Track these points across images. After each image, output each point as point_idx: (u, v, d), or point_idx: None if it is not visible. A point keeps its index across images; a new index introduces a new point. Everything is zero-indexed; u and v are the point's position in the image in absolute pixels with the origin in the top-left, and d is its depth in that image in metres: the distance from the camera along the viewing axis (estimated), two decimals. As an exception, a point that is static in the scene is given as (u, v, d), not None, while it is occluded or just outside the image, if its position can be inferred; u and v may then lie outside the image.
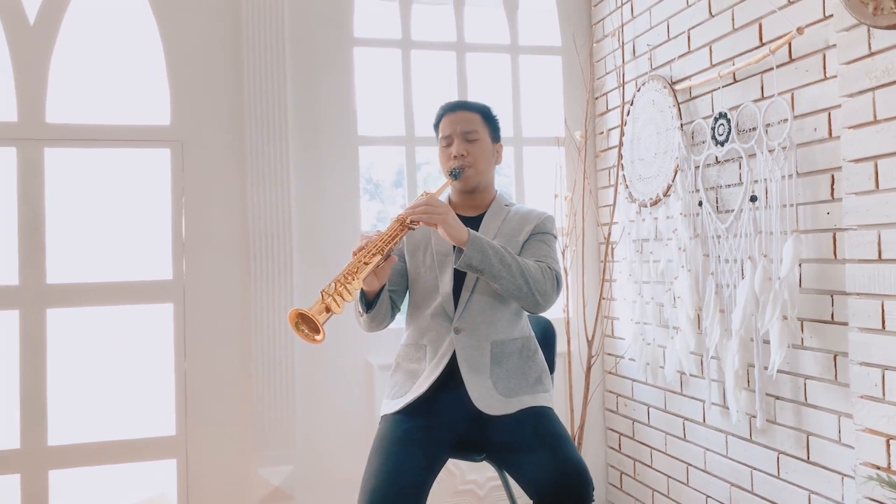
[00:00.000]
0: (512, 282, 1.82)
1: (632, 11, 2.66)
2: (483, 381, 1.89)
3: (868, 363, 1.60)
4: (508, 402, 1.88)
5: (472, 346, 1.92)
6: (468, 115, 2.02)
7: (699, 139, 2.26)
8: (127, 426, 2.53)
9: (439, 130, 2.05)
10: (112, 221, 2.56)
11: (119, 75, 2.57)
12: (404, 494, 1.71)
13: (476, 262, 1.79)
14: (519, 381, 1.93)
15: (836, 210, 1.76)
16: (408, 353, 2.03)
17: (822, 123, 1.79)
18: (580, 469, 1.71)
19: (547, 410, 1.92)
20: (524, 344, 1.99)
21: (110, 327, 2.54)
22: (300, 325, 1.64)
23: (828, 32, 1.77)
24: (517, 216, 2.03)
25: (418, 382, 1.95)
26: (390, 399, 2.00)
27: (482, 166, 2.01)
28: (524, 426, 1.85)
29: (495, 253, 1.81)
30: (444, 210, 1.80)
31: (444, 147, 2.03)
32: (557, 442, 1.78)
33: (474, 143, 1.99)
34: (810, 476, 1.88)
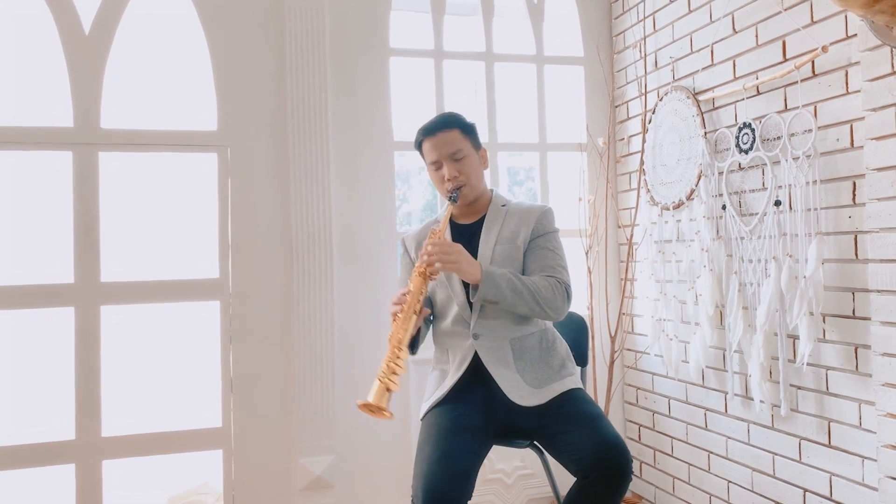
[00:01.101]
0: (525, 306, 1.96)
1: (654, 25, 2.81)
2: (511, 375, 2.02)
3: (890, 354, 1.76)
4: (540, 393, 2.01)
5: (493, 347, 2.05)
6: (448, 134, 2.09)
7: (722, 147, 2.42)
8: (175, 418, 2.64)
9: (424, 154, 2.15)
10: (162, 222, 2.68)
11: (169, 82, 2.69)
12: (457, 477, 1.84)
13: (491, 295, 1.93)
14: (544, 370, 2.05)
15: (857, 214, 1.92)
16: (438, 356, 2.20)
17: (845, 134, 1.95)
18: (620, 444, 1.84)
19: (578, 392, 2.04)
20: (542, 336, 2.11)
21: (160, 323, 2.66)
22: (370, 409, 1.76)
23: (850, 51, 1.92)
24: (514, 216, 2.13)
25: (446, 382, 2.10)
26: (426, 399, 2.15)
27: (475, 180, 2.12)
28: (561, 411, 1.97)
29: (507, 284, 1.94)
30: (457, 256, 1.92)
31: (434, 171, 2.13)
32: (596, 421, 1.91)
33: (462, 161, 2.09)
34: (831, 459, 2.03)
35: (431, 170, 2.15)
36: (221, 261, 2.67)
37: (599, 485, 1.83)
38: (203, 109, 2.66)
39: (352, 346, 2.79)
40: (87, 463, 2.52)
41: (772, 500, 2.26)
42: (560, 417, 1.97)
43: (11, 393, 2.88)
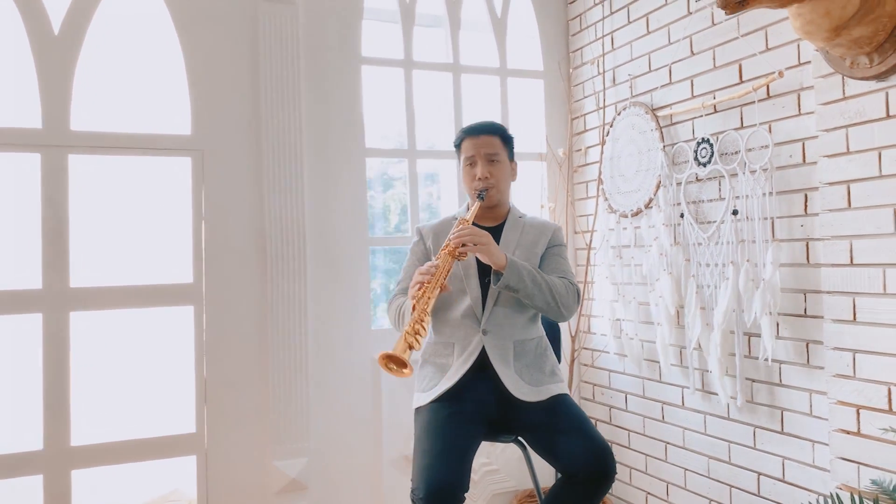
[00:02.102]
0: (542, 299, 2.10)
1: (612, 44, 2.99)
2: (511, 374, 2.15)
3: (841, 348, 1.97)
4: (538, 391, 2.15)
5: (498, 346, 2.17)
6: (489, 138, 2.26)
7: (681, 160, 2.61)
8: (148, 425, 2.60)
9: (462, 151, 2.30)
10: (134, 227, 2.64)
11: (142, 85, 2.65)
12: (458, 470, 1.94)
13: (513, 283, 2.05)
14: (538, 374, 2.19)
15: (808, 223, 2.14)
16: (436, 349, 2.26)
17: (797, 151, 2.16)
18: (607, 450, 2.01)
19: (568, 397, 2.20)
20: (538, 343, 2.26)
21: (132, 329, 2.61)
22: (389, 364, 1.83)
23: (802, 76, 2.14)
24: (532, 228, 2.29)
25: (448, 375, 2.18)
26: (422, 391, 2.22)
27: (503, 185, 2.27)
28: (553, 411, 2.12)
29: (528, 274, 2.07)
30: (487, 240, 2.05)
31: (468, 167, 2.26)
32: (585, 425, 2.07)
33: (496, 165, 2.24)
34: (784, 445, 2.25)
35: (465, 166, 2.27)
36: (195, 265, 2.66)
37: (585, 485, 2.00)
38: (177, 113, 2.64)
39: (325, 349, 2.83)
40: (55, 473, 2.46)
41: (727, 485, 2.47)
42: (552, 418, 2.10)
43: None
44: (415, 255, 2.33)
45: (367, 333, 2.90)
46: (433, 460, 1.94)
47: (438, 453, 1.96)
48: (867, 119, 1.88)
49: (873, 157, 1.87)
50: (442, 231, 2.29)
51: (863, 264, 1.91)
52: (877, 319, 1.87)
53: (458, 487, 1.90)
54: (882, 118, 1.84)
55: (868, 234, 1.89)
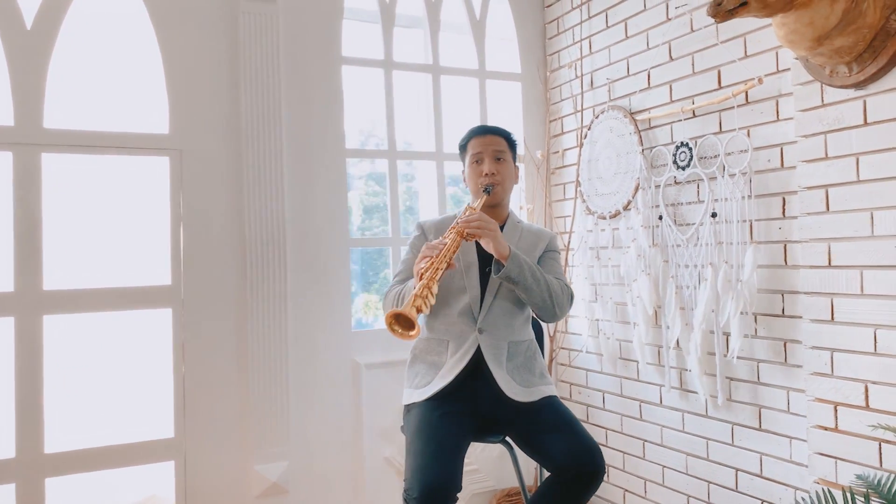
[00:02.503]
0: (539, 294, 2.12)
1: (590, 48, 3.04)
2: (504, 374, 2.17)
3: (819, 347, 2.04)
4: (530, 391, 2.17)
5: (493, 345, 2.19)
6: (497, 138, 2.31)
7: (659, 163, 2.66)
8: (125, 431, 2.54)
9: (468, 149, 2.32)
10: (110, 228, 2.57)
11: (118, 83, 2.59)
12: (451, 471, 1.95)
13: (514, 274, 2.07)
14: (529, 375, 2.22)
15: (786, 226, 2.21)
16: (429, 346, 2.26)
17: (776, 156, 2.23)
18: (596, 449, 2.05)
19: (557, 399, 2.22)
20: (529, 345, 2.29)
21: (108, 333, 2.55)
22: (394, 326, 1.83)
23: (780, 83, 2.21)
24: (530, 233, 2.33)
25: (442, 373, 2.19)
26: (415, 388, 2.22)
27: (508, 184, 2.31)
28: (543, 411, 2.14)
29: (529, 268, 2.10)
30: (495, 227, 2.07)
31: (474, 164, 2.29)
32: (574, 425, 2.10)
33: (502, 163, 2.28)
34: (762, 441, 2.31)
35: (471, 163, 2.29)
36: (173, 267, 2.60)
37: (575, 484, 2.03)
38: (155, 112, 2.59)
39: (305, 351, 2.81)
40: (28, 482, 2.39)
41: (705, 481, 2.53)
42: (542, 418, 2.12)
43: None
44: (416, 249, 2.31)
45: (348, 335, 2.88)
46: (427, 461, 1.94)
47: (432, 454, 1.96)
48: (845, 126, 1.94)
49: (851, 163, 1.94)
50: (444, 227, 2.30)
51: (841, 266, 1.97)
52: (854, 319, 1.94)
53: (452, 487, 1.91)
54: (860, 125, 1.91)
55: (846, 236, 1.95)
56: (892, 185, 1.83)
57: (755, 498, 2.34)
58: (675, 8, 2.56)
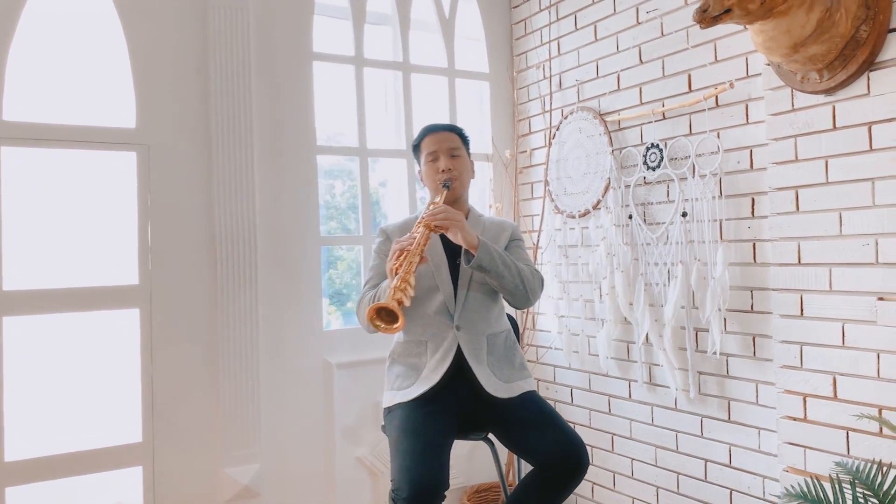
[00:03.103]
0: (511, 281, 2.14)
1: (559, 49, 3.08)
2: (485, 370, 2.18)
3: (788, 341, 2.13)
4: (510, 387, 2.19)
5: (472, 340, 2.20)
6: (450, 135, 2.33)
7: (629, 163, 2.73)
8: (91, 436, 2.45)
9: (422, 148, 2.33)
10: (75, 225, 2.47)
11: (83, 76, 2.48)
12: (439, 469, 1.96)
13: (485, 262, 2.08)
14: (509, 368, 2.24)
15: (755, 225, 2.30)
16: (406, 349, 2.26)
17: (745, 157, 2.32)
18: (579, 442, 2.08)
19: (536, 393, 2.26)
20: (507, 336, 2.31)
21: (73, 334, 2.45)
22: (376, 321, 1.82)
23: (750, 88, 2.29)
24: (493, 225, 2.35)
25: (424, 374, 2.19)
26: (397, 390, 2.22)
27: (465, 179, 2.33)
28: (525, 407, 2.17)
29: (499, 255, 2.12)
30: (461, 217, 2.09)
31: (430, 162, 2.29)
32: (557, 420, 2.14)
33: (457, 159, 2.29)
34: (731, 432, 2.40)
35: (427, 161, 2.29)
36: (141, 266, 2.52)
37: (559, 477, 2.05)
38: (121, 107, 2.50)
39: (276, 351, 2.76)
40: (-13, 492, 2.28)
41: (674, 472, 2.61)
42: (525, 414, 2.15)
43: None
44: (382, 254, 2.30)
45: (319, 335, 2.85)
46: (414, 460, 1.94)
47: (419, 453, 1.96)
48: (815, 130, 2.04)
49: (820, 165, 2.03)
50: (408, 229, 2.29)
51: (810, 263, 2.07)
52: (823, 314, 2.03)
53: (440, 485, 1.92)
54: (829, 129, 2.00)
55: (815, 235, 2.05)
56: (861, 186, 1.93)
57: (724, 487, 2.42)
58: (647, 13, 2.62)
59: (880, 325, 1.90)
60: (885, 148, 1.87)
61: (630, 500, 2.80)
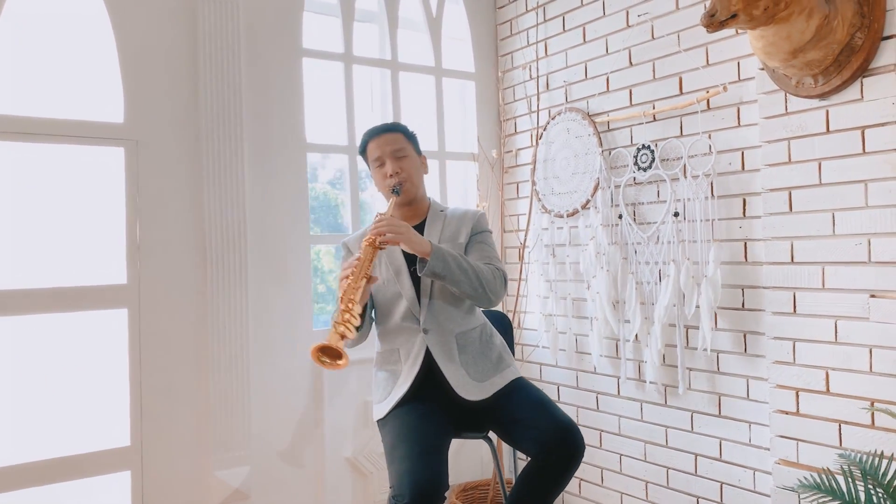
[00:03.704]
0: (469, 284, 2.10)
1: (546, 50, 3.11)
2: (457, 370, 2.17)
3: (781, 337, 2.20)
4: (482, 387, 2.17)
5: (441, 342, 2.19)
6: (392, 136, 2.28)
7: (619, 164, 2.77)
8: (77, 441, 2.37)
9: (367, 154, 2.30)
10: (60, 222, 2.38)
11: (69, 67, 2.40)
12: (439, 471, 1.95)
13: (439, 269, 2.04)
14: (484, 364, 2.22)
15: (746, 225, 2.36)
16: (385, 357, 2.26)
17: (737, 159, 2.38)
18: (572, 426, 2.08)
19: (521, 381, 2.24)
20: (482, 330, 2.30)
21: (58, 336, 2.36)
22: (322, 357, 1.81)
23: (741, 92, 2.35)
24: (454, 219, 2.32)
25: (400, 381, 2.18)
26: (380, 402, 2.21)
27: (416, 179, 2.29)
28: (511, 401, 2.16)
29: (454, 260, 2.07)
30: (406, 228, 2.04)
31: (377, 168, 2.26)
32: (549, 406, 2.14)
33: (404, 160, 2.25)
34: (721, 427, 2.46)
35: (375, 168, 2.25)
36: (129, 265, 2.45)
37: (557, 465, 2.06)
38: (109, 100, 2.42)
39: (266, 351, 2.72)
40: (-32, 500, 2.18)
41: (664, 466, 2.66)
42: (512, 407, 2.14)
43: None
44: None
45: (309, 334, 2.81)
46: (413, 463, 1.93)
47: (418, 455, 1.95)
48: (808, 133, 2.10)
49: (814, 167, 2.10)
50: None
51: (803, 262, 2.14)
52: (816, 311, 2.10)
53: (440, 487, 1.91)
54: (822, 133, 2.07)
55: (808, 235, 2.12)
56: (854, 188, 2.00)
57: (714, 480, 2.48)
58: (638, 16, 2.67)
59: (873, 321, 1.97)
60: (879, 151, 1.95)
61: (619, 495, 2.85)
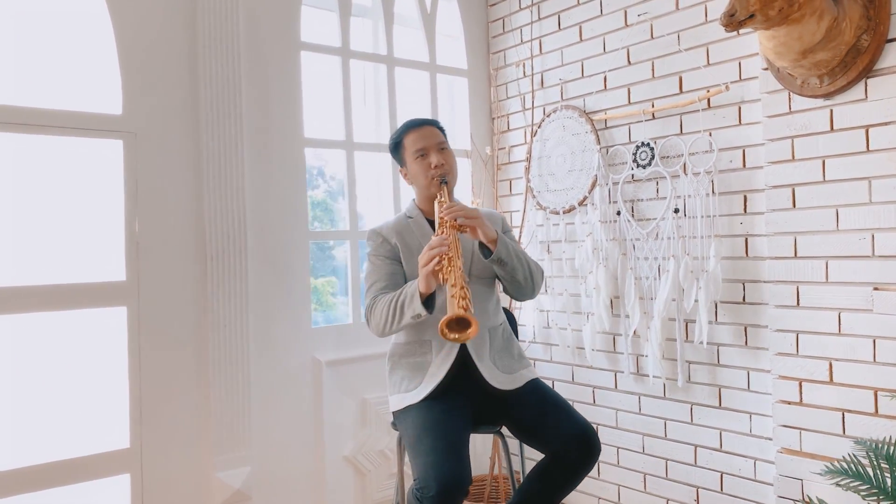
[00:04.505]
0: (522, 273, 2.17)
1: (541, 48, 3.14)
2: (487, 364, 2.19)
3: (784, 330, 2.26)
4: (513, 378, 2.21)
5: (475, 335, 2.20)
6: (434, 129, 2.30)
7: (618, 161, 2.81)
8: (75, 444, 2.28)
9: (406, 146, 2.28)
10: (57, 217, 2.30)
11: (66, 57, 2.31)
12: (465, 465, 1.95)
13: (504, 255, 2.10)
14: (509, 359, 2.26)
15: (747, 221, 2.42)
16: (409, 349, 2.24)
17: (738, 157, 2.44)
18: (591, 428, 2.13)
19: (539, 381, 2.28)
20: (504, 327, 2.33)
21: (55, 335, 2.27)
22: (448, 330, 1.79)
23: (743, 91, 2.42)
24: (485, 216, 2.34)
25: (431, 372, 2.17)
26: (405, 392, 2.19)
27: (456, 172, 2.31)
28: (533, 396, 2.19)
29: (512, 248, 2.14)
30: (479, 214, 2.09)
31: (418, 159, 2.25)
32: (566, 407, 2.18)
33: (446, 153, 2.27)
34: (722, 418, 2.52)
35: (415, 158, 2.24)
36: (129, 262, 2.37)
37: (574, 464, 2.10)
38: (107, 91, 2.34)
39: (266, 350, 2.67)
40: (-38, 508, 2.09)
41: (663, 458, 2.71)
42: (534, 403, 2.17)
43: None
44: (382, 255, 2.24)
45: (308, 332, 2.78)
46: (440, 457, 1.92)
47: (444, 450, 1.95)
48: (812, 132, 2.17)
49: (817, 165, 2.17)
50: (404, 229, 2.26)
51: (806, 257, 2.20)
52: (819, 304, 2.17)
53: (465, 480, 1.92)
54: (826, 131, 2.14)
55: (812, 230, 2.19)
56: (858, 185, 2.08)
57: (715, 471, 2.54)
58: (638, 16, 2.71)
59: (876, 313, 2.05)
60: (883, 149, 2.02)
61: (616, 487, 2.89)
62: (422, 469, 1.92)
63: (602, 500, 2.93)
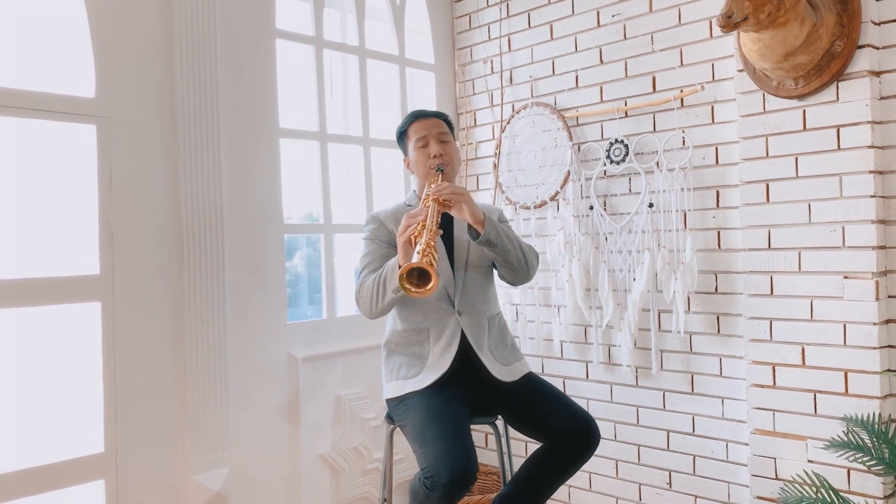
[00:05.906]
0: (515, 255, 2.18)
1: (509, 45, 3.18)
2: (486, 353, 2.22)
3: (757, 317, 2.40)
4: (510, 370, 2.24)
5: (474, 324, 2.22)
6: (437, 121, 2.33)
7: (591, 157, 2.89)
8: (44, 450, 2.12)
9: (410, 135, 2.31)
10: (25, 206, 2.13)
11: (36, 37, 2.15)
12: (472, 453, 1.97)
13: (493, 237, 2.09)
14: (503, 350, 2.28)
15: (720, 215, 2.55)
16: (406, 337, 2.23)
17: (710, 154, 2.56)
18: (590, 417, 2.18)
19: (534, 373, 2.33)
20: (500, 318, 2.36)
21: (23, 333, 2.11)
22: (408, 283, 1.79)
23: (716, 91, 2.54)
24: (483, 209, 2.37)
25: (431, 362, 2.17)
26: (404, 380, 2.17)
27: (455, 165, 2.34)
28: (530, 387, 2.23)
29: (502, 230, 2.15)
30: (467, 192, 2.10)
31: (420, 148, 2.28)
32: (563, 397, 2.23)
33: (447, 145, 2.30)
34: (694, 403, 2.64)
35: (417, 147, 2.26)
36: (102, 254, 2.23)
37: (574, 452, 2.15)
38: (78, 73, 2.20)
39: (243, 347, 2.58)
40: (-77, 523, 1.90)
41: (635, 444, 2.81)
42: (531, 394, 2.21)
43: None
44: (377, 239, 2.24)
45: (284, 328, 2.70)
46: (449, 445, 1.93)
47: (451, 437, 1.95)
48: (786, 130, 2.31)
49: (790, 162, 2.31)
50: (401, 215, 2.25)
51: (780, 248, 2.34)
52: (793, 292, 2.32)
53: (473, 468, 1.93)
54: (799, 130, 2.29)
55: (785, 223, 2.33)
56: (829, 180, 2.23)
57: (687, 454, 2.66)
58: (612, 17, 2.80)
59: (846, 300, 2.21)
60: (852, 147, 2.18)
61: (587, 475, 2.97)
62: (430, 457, 1.91)
63: (573, 487, 3.00)
